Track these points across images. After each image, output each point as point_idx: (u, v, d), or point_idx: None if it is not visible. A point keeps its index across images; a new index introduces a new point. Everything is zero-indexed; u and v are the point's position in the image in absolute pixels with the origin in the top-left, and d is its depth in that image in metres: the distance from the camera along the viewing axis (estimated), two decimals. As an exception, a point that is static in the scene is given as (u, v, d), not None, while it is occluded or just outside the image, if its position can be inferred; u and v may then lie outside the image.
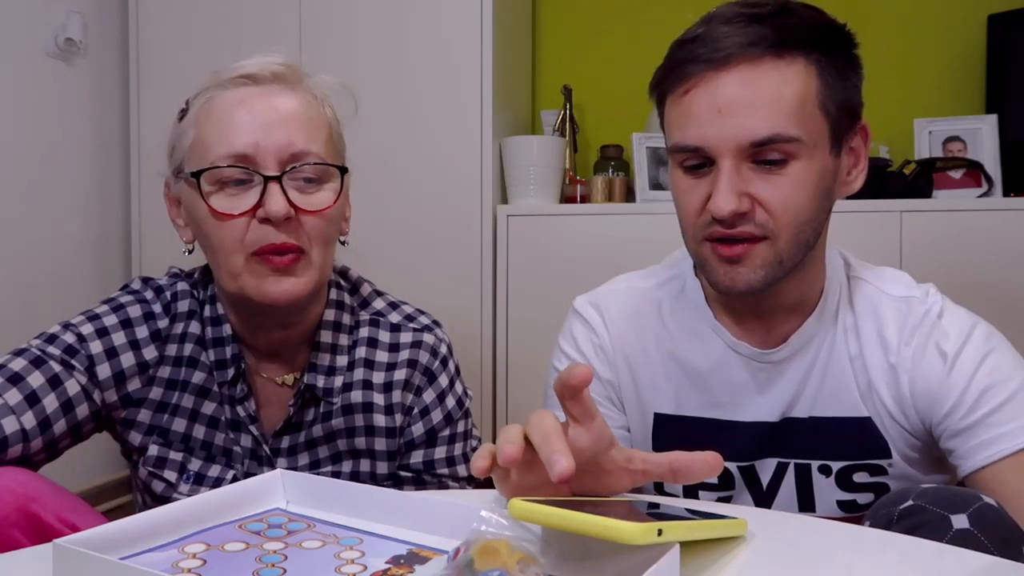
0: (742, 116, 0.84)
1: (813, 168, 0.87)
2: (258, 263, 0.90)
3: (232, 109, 0.91)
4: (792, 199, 0.86)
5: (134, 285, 1.02)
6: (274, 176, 0.90)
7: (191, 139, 0.93)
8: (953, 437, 0.90)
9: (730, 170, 0.85)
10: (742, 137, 0.85)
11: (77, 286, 2.51)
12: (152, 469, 0.98)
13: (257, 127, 0.90)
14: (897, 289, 0.96)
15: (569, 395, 0.66)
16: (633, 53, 2.72)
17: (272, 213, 0.88)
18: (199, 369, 0.98)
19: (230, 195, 0.90)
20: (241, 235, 0.90)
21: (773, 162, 0.85)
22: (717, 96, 0.85)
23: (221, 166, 0.89)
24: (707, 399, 0.99)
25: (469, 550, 0.50)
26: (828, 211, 0.92)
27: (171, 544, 0.62)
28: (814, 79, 0.86)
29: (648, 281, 1.06)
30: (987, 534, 0.69)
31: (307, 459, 1.01)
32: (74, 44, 2.47)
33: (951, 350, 0.90)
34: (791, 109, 0.84)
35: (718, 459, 0.69)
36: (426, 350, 1.03)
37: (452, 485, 1.05)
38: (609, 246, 2.31)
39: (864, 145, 0.94)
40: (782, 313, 0.95)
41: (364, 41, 2.47)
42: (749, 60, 0.85)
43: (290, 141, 0.91)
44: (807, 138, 0.85)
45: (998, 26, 2.38)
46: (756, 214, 0.87)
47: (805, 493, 0.97)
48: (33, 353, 0.93)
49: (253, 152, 0.89)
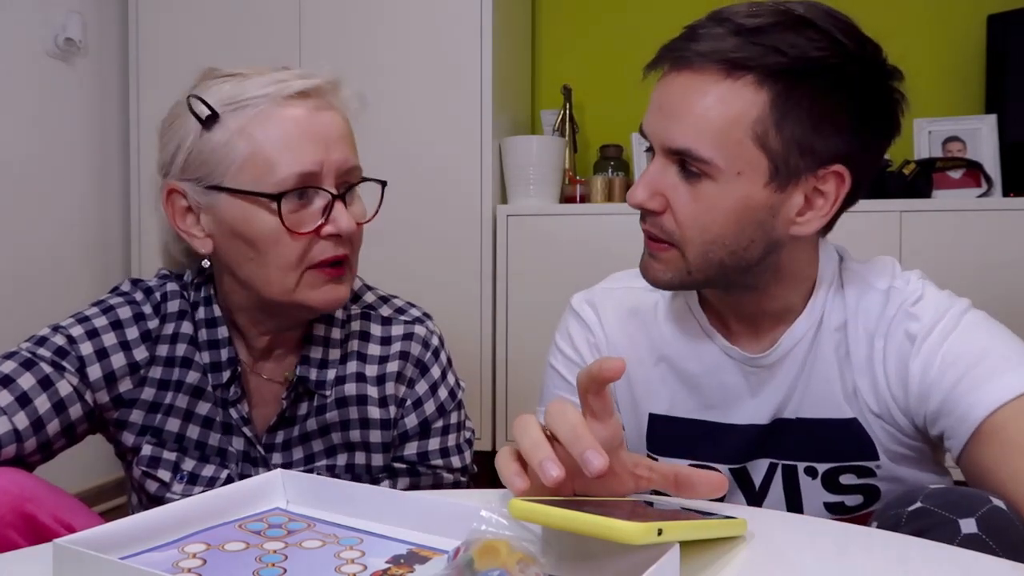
0: (669, 121, 0.86)
1: (730, 194, 0.85)
2: (315, 274, 0.93)
3: (296, 125, 0.91)
4: (699, 216, 0.86)
5: (123, 287, 1.02)
6: (340, 194, 0.93)
7: (244, 152, 0.90)
8: (935, 422, 0.88)
9: (656, 165, 0.88)
10: (665, 139, 0.86)
11: (76, 286, 2.51)
12: (146, 469, 0.98)
13: (321, 145, 0.91)
14: (881, 281, 0.94)
15: (595, 389, 0.66)
16: (633, 53, 2.71)
17: (344, 230, 0.92)
18: (193, 369, 0.98)
19: (296, 212, 0.91)
20: (304, 251, 0.92)
21: (691, 173, 0.86)
22: (663, 93, 0.88)
23: (302, 187, 0.91)
24: (700, 401, 0.99)
25: (469, 550, 0.50)
26: (766, 241, 0.88)
27: (171, 544, 0.62)
28: (759, 107, 0.82)
29: (644, 281, 1.06)
30: (995, 539, 0.68)
31: (302, 453, 1.01)
32: (74, 44, 2.47)
33: (919, 332, 0.89)
34: (712, 131, 0.83)
35: (723, 480, 0.70)
36: (417, 342, 1.04)
37: (446, 476, 1.05)
38: (609, 246, 2.31)
39: (836, 191, 0.87)
40: (769, 319, 0.95)
41: (364, 41, 2.47)
42: (696, 69, 0.85)
43: (347, 157, 0.94)
44: (724, 164, 0.84)
45: (998, 26, 2.38)
46: (664, 220, 0.88)
47: (792, 495, 0.97)
48: (23, 356, 0.93)
49: (319, 170, 0.91)
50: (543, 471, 0.61)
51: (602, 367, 0.65)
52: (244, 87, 0.92)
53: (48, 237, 2.44)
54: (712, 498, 0.71)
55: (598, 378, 0.65)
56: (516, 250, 2.42)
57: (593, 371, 0.65)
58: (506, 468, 0.66)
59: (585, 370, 0.66)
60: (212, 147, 0.91)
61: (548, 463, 0.61)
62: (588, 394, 0.67)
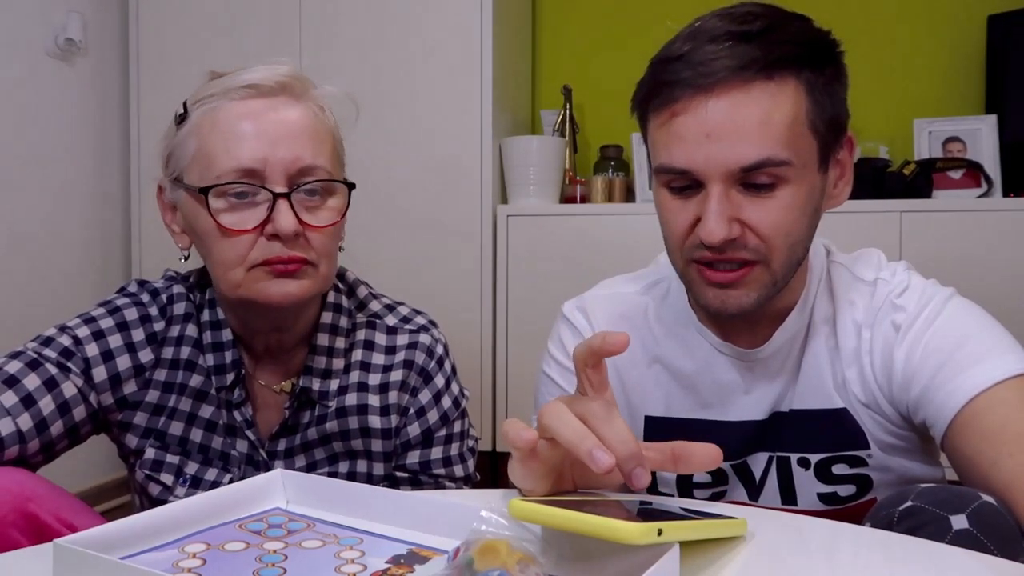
0: (732, 141, 0.83)
1: (803, 189, 0.86)
2: (260, 271, 0.90)
3: (238, 121, 0.89)
4: (783, 222, 0.85)
5: (130, 288, 1.02)
6: (283, 193, 0.89)
7: (193, 149, 0.90)
8: (917, 410, 0.89)
9: (719, 196, 0.84)
10: (732, 162, 0.83)
11: (76, 286, 2.51)
12: (149, 472, 0.98)
13: (265, 141, 0.88)
14: (868, 272, 0.96)
15: (594, 362, 0.66)
16: (633, 53, 2.71)
17: (282, 231, 0.88)
18: (196, 372, 0.98)
19: (236, 210, 0.89)
20: (246, 250, 0.89)
21: (763, 186, 0.84)
22: (706, 120, 0.83)
23: (229, 182, 0.88)
24: (696, 401, 0.99)
25: (469, 550, 0.50)
26: (816, 225, 0.92)
27: (171, 544, 0.62)
28: (804, 99, 0.85)
29: (634, 285, 1.06)
30: (987, 534, 0.69)
31: (304, 461, 1.01)
32: (74, 44, 2.47)
33: (904, 322, 0.90)
34: (781, 132, 0.83)
35: (718, 451, 0.69)
36: (422, 351, 1.03)
37: (449, 486, 1.04)
38: (609, 246, 2.31)
39: (849, 156, 0.93)
40: (767, 318, 0.95)
41: (364, 41, 2.47)
42: (739, 84, 0.83)
43: (298, 156, 0.89)
44: (797, 160, 0.84)
45: (998, 26, 2.38)
46: (747, 239, 0.86)
47: (786, 486, 0.98)
48: (29, 356, 0.92)
49: (261, 167, 0.88)
50: (595, 460, 0.60)
51: (604, 340, 0.64)
52: (213, 83, 0.92)
53: (48, 236, 2.44)
54: (710, 469, 0.73)
55: (599, 351, 0.65)
56: (516, 250, 2.42)
57: (595, 345, 0.65)
58: (512, 425, 0.66)
59: (586, 342, 0.66)
60: (176, 143, 0.93)
61: (598, 452, 0.60)
62: (587, 368, 0.66)
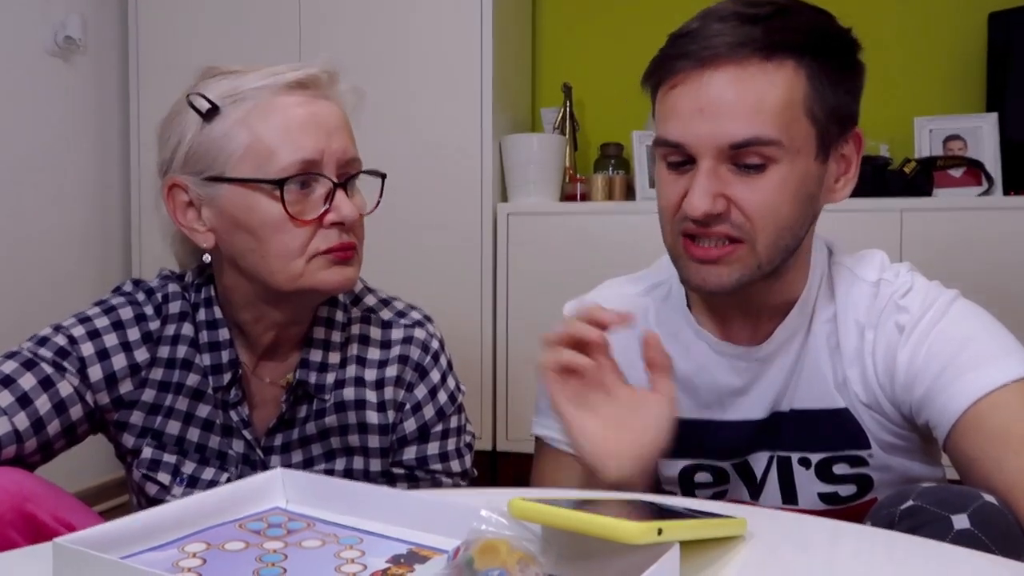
0: (723, 117, 0.84)
1: (794, 173, 0.86)
2: (321, 258, 0.93)
3: (296, 115, 0.92)
4: (770, 203, 0.86)
5: (125, 287, 1.02)
6: (341, 183, 0.93)
7: (244, 142, 0.91)
8: (920, 411, 0.89)
9: (708, 171, 0.86)
10: (721, 138, 0.85)
11: (76, 285, 2.51)
12: (146, 471, 0.98)
13: (322, 133, 0.92)
14: (870, 273, 0.96)
15: None
16: (633, 51, 2.70)
17: (347, 218, 0.93)
18: (193, 372, 0.98)
19: (299, 201, 0.91)
20: (307, 239, 0.92)
21: (752, 166, 0.85)
22: (701, 95, 0.85)
23: (303, 173, 0.91)
24: (695, 401, 0.99)
25: (469, 549, 0.51)
26: (812, 216, 0.92)
27: (171, 543, 0.62)
28: (802, 84, 0.86)
29: (636, 287, 1.06)
30: (988, 533, 0.69)
31: (301, 456, 1.01)
32: (74, 42, 2.47)
33: (908, 323, 0.90)
34: (774, 113, 0.84)
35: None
36: (417, 346, 1.04)
37: (446, 481, 1.05)
38: (609, 244, 2.31)
39: (856, 153, 0.93)
40: (768, 312, 0.95)
41: (364, 40, 2.47)
42: (736, 61, 0.84)
43: (346, 147, 0.94)
44: (788, 143, 0.85)
45: (999, 24, 2.37)
46: (732, 215, 0.87)
47: (787, 486, 0.98)
48: (24, 356, 0.92)
49: (320, 158, 0.91)
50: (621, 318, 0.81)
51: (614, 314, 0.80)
52: (242, 81, 0.93)
53: (47, 236, 2.44)
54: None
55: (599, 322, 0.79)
56: (516, 248, 2.42)
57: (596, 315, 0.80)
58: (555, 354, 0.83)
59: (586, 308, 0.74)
60: (212, 139, 0.92)
61: None
62: None
